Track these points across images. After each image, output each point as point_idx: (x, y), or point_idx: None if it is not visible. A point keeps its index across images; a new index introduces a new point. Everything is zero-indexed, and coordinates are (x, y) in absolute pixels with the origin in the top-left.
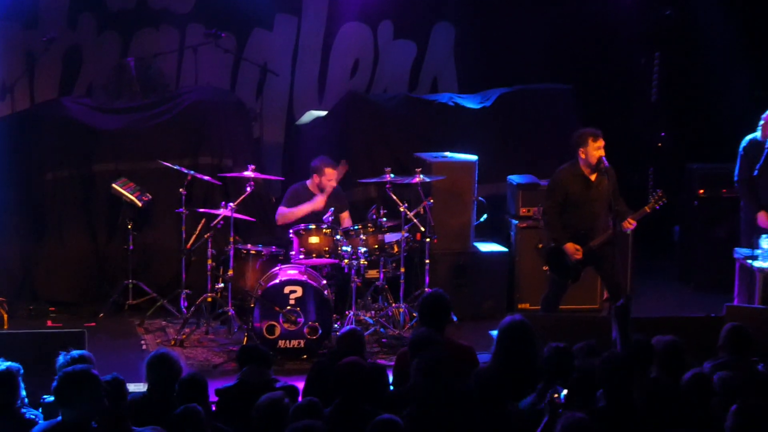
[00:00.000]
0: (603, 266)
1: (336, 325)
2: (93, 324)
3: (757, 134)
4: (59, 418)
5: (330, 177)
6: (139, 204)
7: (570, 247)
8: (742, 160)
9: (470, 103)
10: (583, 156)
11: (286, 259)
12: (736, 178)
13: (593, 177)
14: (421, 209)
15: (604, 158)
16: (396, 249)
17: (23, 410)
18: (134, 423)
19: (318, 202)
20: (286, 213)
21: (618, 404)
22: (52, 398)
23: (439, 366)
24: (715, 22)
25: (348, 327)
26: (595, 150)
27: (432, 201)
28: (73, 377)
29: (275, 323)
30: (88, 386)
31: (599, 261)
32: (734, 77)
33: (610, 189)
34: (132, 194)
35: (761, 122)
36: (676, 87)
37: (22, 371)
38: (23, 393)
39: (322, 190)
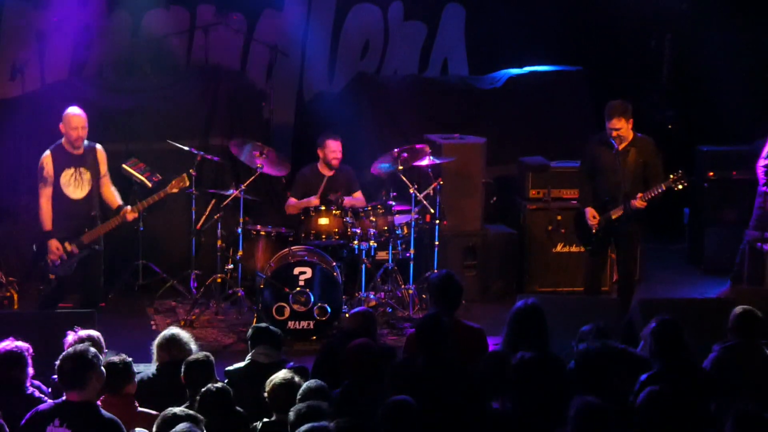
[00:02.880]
0: (621, 245)
1: (345, 307)
2: (103, 304)
3: None
4: (64, 397)
5: (332, 148)
6: (149, 184)
7: (589, 211)
8: None
9: (480, 84)
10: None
11: (296, 240)
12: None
13: (621, 147)
14: (431, 191)
15: (615, 139)
16: (406, 231)
17: (31, 389)
18: (142, 403)
19: (312, 202)
20: (292, 206)
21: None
22: None
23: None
24: (726, 3)
25: (359, 308)
26: (610, 127)
27: (442, 182)
28: (73, 357)
29: (285, 304)
30: (88, 366)
31: (620, 238)
32: (745, 59)
33: (641, 160)
34: (142, 174)
35: None
36: (686, 69)
37: (31, 351)
38: (31, 372)
39: (328, 164)
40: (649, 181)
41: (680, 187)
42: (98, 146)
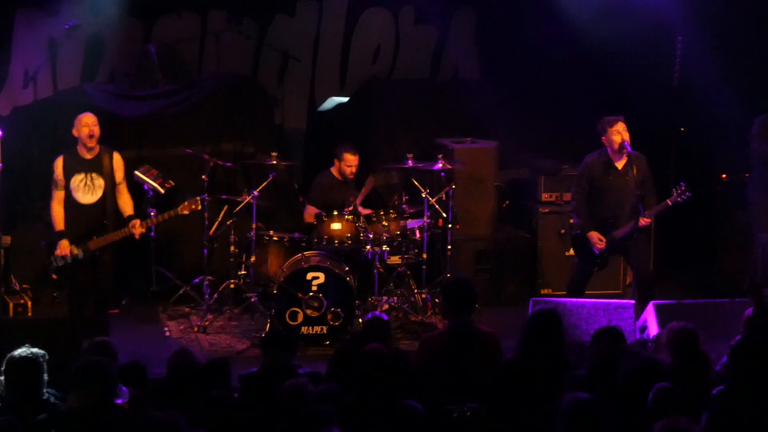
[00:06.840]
0: (632, 253)
1: (358, 312)
2: (116, 311)
3: None
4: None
5: (349, 162)
6: (162, 191)
7: (593, 235)
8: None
9: (491, 88)
10: (606, 143)
11: (309, 245)
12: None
13: (620, 165)
14: (443, 195)
15: (627, 144)
16: (418, 235)
17: (46, 396)
18: (156, 405)
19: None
20: (313, 214)
21: None
22: None
23: None
24: (737, 4)
25: (373, 313)
26: (615, 135)
27: (454, 187)
28: (84, 368)
29: (298, 309)
30: (95, 378)
31: (627, 249)
32: (757, 61)
33: (640, 178)
34: (155, 181)
35: None
36: (698, 71)
37: (47, 357)
38: (46, 378)
39: (343, 175)
40: (645, 197)
41: (682, 198)
42: (116, 153)
